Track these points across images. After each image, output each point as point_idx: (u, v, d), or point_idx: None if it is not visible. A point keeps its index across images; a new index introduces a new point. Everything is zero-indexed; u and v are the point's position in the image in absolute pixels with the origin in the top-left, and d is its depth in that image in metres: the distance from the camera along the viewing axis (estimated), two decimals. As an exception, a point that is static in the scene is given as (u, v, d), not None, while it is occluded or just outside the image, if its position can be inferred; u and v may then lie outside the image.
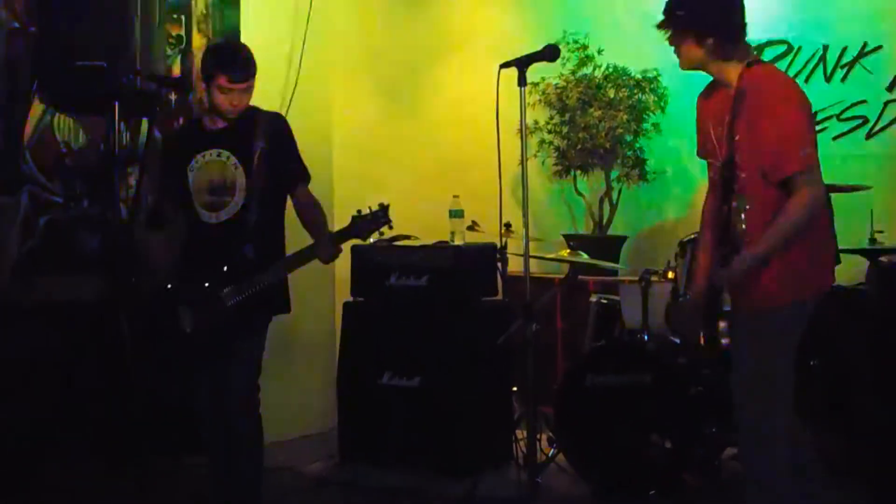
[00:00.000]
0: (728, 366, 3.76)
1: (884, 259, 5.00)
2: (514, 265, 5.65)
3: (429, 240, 5.71)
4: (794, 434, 3.69)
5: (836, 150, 6.02)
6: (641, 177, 6.75)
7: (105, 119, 5.46)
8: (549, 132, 6.92)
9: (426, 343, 5.47)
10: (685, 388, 4.91)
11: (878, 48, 6.23)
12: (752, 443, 3.69)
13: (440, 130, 6.96)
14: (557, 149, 6.89)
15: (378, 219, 4.06)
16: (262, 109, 4.36)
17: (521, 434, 5.15)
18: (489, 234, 5.59)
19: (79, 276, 5.38)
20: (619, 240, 6.82)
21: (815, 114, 3.76)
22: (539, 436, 4.93)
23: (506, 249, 5.58)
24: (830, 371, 5.02)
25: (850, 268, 5.03)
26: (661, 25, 3.73)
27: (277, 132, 4.31)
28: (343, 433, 5.71)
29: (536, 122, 6.90)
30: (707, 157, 3.83)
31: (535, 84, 6.81)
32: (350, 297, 5.81)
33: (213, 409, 4.28)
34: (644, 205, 6.96)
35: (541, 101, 6.91)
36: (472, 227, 5.69)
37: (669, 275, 5.15)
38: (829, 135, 6.13)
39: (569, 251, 5.75)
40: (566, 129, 6.81)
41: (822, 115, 6.09)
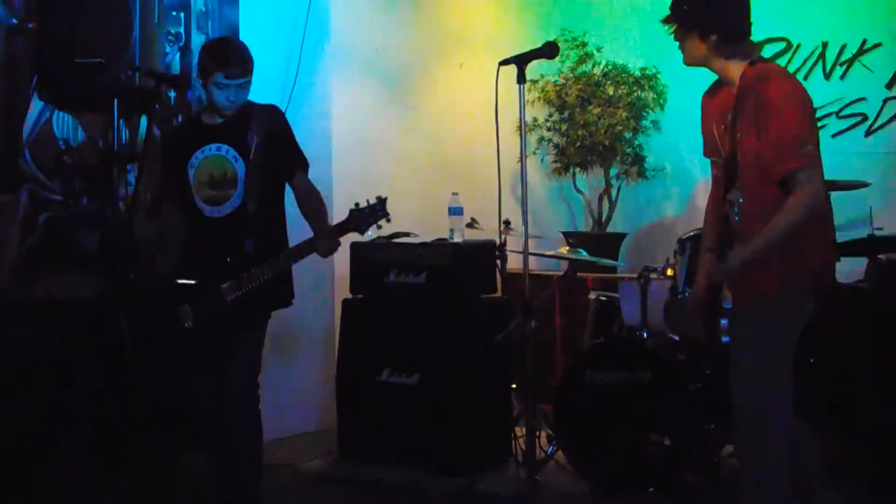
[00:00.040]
0: (728, 363, 3.76)
1: (883, 257, 4.99)
2: (514, 262, 5.65)
3: (428, 237, 5.71)
4: (794, 433, 3.69)
5: (836, 148, 6.02)
6: (640, 174, 6.76)
7: (104, 116, 5.46)
8: (549, 129, 6.92)
9: (425, 340, 5.47)
10: (684, 386, 4.91)
11: (878, 45, 6.23)
12: (751, 442, 3.69)
13: (439, 127, 6.96)
14: (556, 146, 6.89)
15: (376, 212, 4.05)
16: (259, 103, 4.37)
17: (521, 431, 5.15)
18: (488, 232, 5.59)
19: (78, 274, 5.37)
20: (619, 237, 6.83)
21: (815, 111, 3.75)
22: (538, 433, 4.93)
23: (505, 246, 5.58)
24: (830, 370, 5.02)
25: (850, 266, 5.03)
26: (667, 20, 3.73)
27: (273, 123, 4.32)
28: (342, 430, 5.70)
29: (536, 120, 6.90)
30: (711, 156, 3.84)
31: (535, 81, 6.81)
32: (349, 295, 5.81)
33: (213, 409, 4.28)
34: (643, 202, 6.96)
35: (540, 99, 6.91)
36: (472, 225, 5.69)
37: (668, 272, 5.15)
38: (829, 132, 6.14)
39: (568, 248, 5.75)
40: (565, 127, 6.81)
41: (822, 113, 6.09)
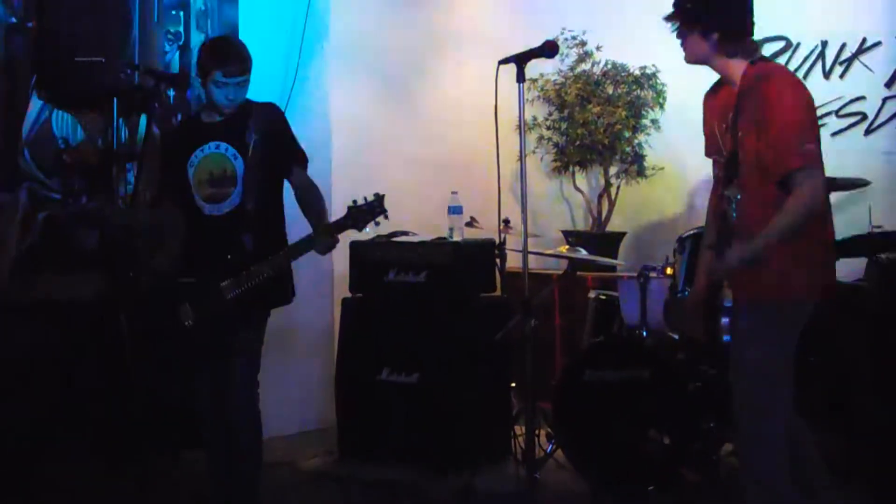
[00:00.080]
0: (728, 362, 3.76)
1: (883, 256, 4.99)
2: (513, 261, 5.65)
3: (427, 236, 5.71)
4: (795, 432, 3.69)
5: (835, 147, 6.02)
6: (640, 173, 6.76)
7: (103, 115, 5.46)
8: (548, 128, 6.93)
9: (425, 339, 5.47)
10: (683, 384, 4.91)
11: (877, 44, 6.23)
12: (751, 441, 3.68)
13: (439, 126, 6.96)
14: (556, 145, 6.90)
15: (374, 208, 4.04)
16: (257, 101, 4.37)
17: (520, 430, 5.15)
18: (488, 231, 5.59)
19: (78, 273, 5.37)
20: (618, 236, 6.83)
21: (816, 110, 3.75)
22: (537, 431, 4.92)
23: (504, 245, 5.58)
24: (829, 369, 5.02)
25: (849, 265, 5.03)
26: (669, 18, 3.73)
27: (272, 121, 4.32)
28: (342, 429, 5.70)
29: (535, 119, 6.90)
30: (713, 155, 3.84)
31: (534, 80, 6.82)
32: (349, 294, 5.81)
33: (214, 409, 4.28)
34: (642, 201, 6.96)
35: (539, 98, 6.92)
36: (471, 224, 5.69)
37: (668, 271, 5.15)
38: (828, 131, 6.15)
39: (567, 247, 5.75)
40: (565, 126, 6.82)
41: (821, 112, 6.09)
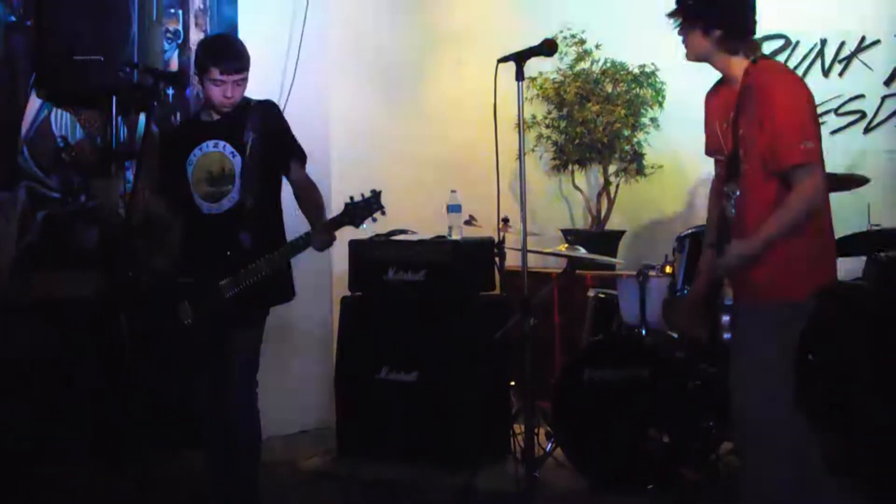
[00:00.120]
0: (728, 360, 3.75)
1: (882, 254, 4.99)
2: (512, 260, 5.65)
3: (426, 234, 5.71)
4: (795, 431, 3.68)
5: (834, 145, 6.02)
6: (639, 171, 6.76)
7: (102, 113, 5.46)
8: (547, 127, 6.93)
9: (424, 338, 5.47)
10: (683, 383, 4.91)
11: (876, 42, 6.23)
12: (751, 440, 3.68)
13: (438, 125, 6.95)
14: (555, 143, 6.89)
15: (371, 204, 4.04)
16: (256, 99, 4.37)
17: (519, 428, 5.15)
18: (487, 229, 5.58)
19: (77, 272, 5.37)
20: (617, 234, 6.83)
21: (817, 108, 3.74)
22: (537, 430, 4.91)
23: (503, 244, 5.57)
24: (828, 368, 5.01)
25: (848, 263, 5.03)
26: (672, 14, 3.73)
27: (270, 117, 4.32)
28: (341, 428, 5.70)
29: (534, 117, 6.90)
30: (713, 154, 3.84)
31: (533, 79, 6.82)
32: (348, 292, 5.81)
33: (213, 409, 4.27)
34: (641, 199, 6.96)
35: (539, 96, 6.91)
36: (470, 222, 5.69)
37: (667, 269, 5.15)
38: (827, 129, 6.15)
39: (566, 246, 5.75)
40: (564, 124, 6.81)
41: (820, 110, 6.05)
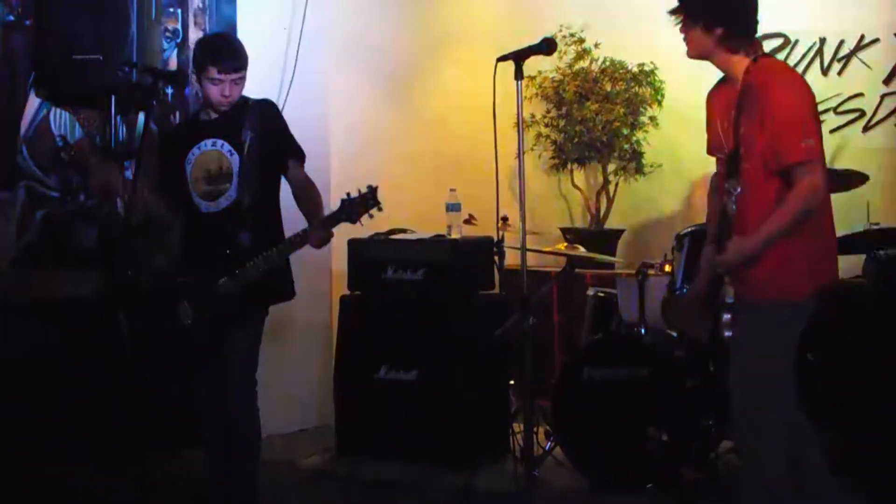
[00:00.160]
0: (727, 358, 3.75)
1: (881, 252, 4.99)
2: (511, 259, 5.65)
3: (425, 233, 5.71)
4: (797, 431, 3.68)
5: (833, 144, 6.02)
6: (638, 170, 6.77)
7: (101, 113, 5.45)
8: (546, 126, 6.93)
9: (423, 337, 5.46)
10: (682, 382, 4.90)
11: (875, 41, 6.24)
12: (750, 439, 3.67)
13: (437, 124, 6.95)
14: (554, 142, 6.90)
15: (367, 200, 4.02)
16: (254, 98, 4.37)
17: (518, 427, 5.15)
18: (486, 228, 5.58)
19: (76, 271, 5.36)
20: (616, 233, 6.83)
21: (818, 106, 3.75)
22: (536, 429, 4.92)
23: (503, 243, 5.57)
24: (828, 366, 5.01)
25: (846, 262, 5.03)
26: (674, 11, 3.74)
27: (268, 116, 4.32)
28: (340, 427, 5.70)
29: (533, 116, 6.90)
30: (715, 153, 3.83)
31: (532, 78, 6.82)
32: (347, 291, 5.81)
33: (213, 408, 4.27)
34: (641, 198, 6.97)
35: (537, 95, 6.92)
36: (469, 221, 5.68)
37: (666, 268, 5.14)
38: (826, 128, 6.12)
39: (566, 244, 5.75)
40: (563, 123, 6.82)
41: (819, 109, 5.97)
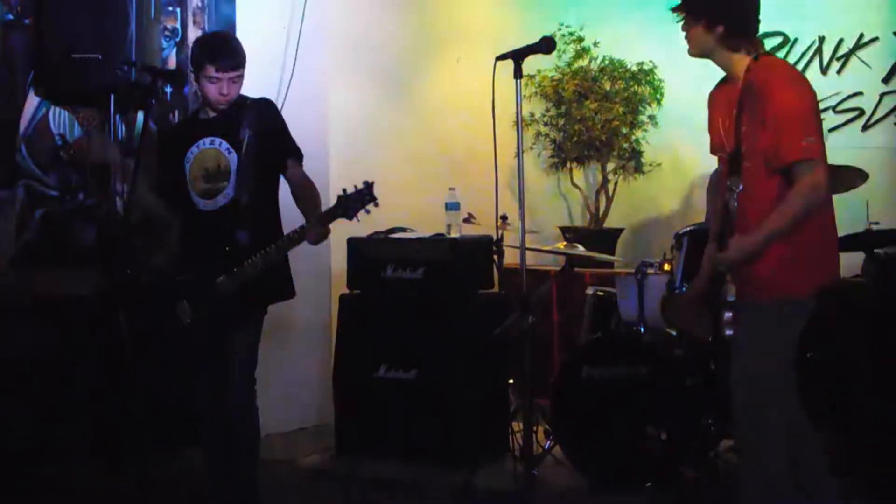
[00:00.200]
0: (725, 357, 3.75)
1: (880, 251, 4.99)
2: (511, 257, 5.65)
3: (425, 232, 5.71)
4: (797, 430, 3.68)
5: (833, 143, 5.99)
6: (637, 169, 6.77)
7: (101, 112, 5.45)
8: (546, 125, 6.93)
9: (422, 336, 5.46)
10: (681, 381, 4.91)
11: (875, 40, 6.24)
12: (750, 438, 3.67)
13: (437, 123, 6.95)
14: (553, 141, 6.90)
15: (363, 196, 4.02)
16: (253, 97, 4.37)
17: (518, 426, 5.15)
18: (485, 227, 5.58)
19: (76, 270, 5.36)
20: (615, 232, 6.84)
21: (819, 104, 3.75)
22: (535, 428, 4.93)
23: (502, 242, 5.57)
24: (828, 366, 5.01)
25: (846, 259, 5.03)
26: (676, 9, 3.74)
27: (267, 115, 4.33)
28: (340, 426, 5.70)
29: (532, 115, 6.90)
30: (717, 152, 3.84)
31: (531, 77, 6.82)
32: (346, 290, 5.81)
33: (212, 408, 4.27)
34: (640, 197, 6.97)
35: (537, 94, 6.92)
36: (469, 220, 5.68)
37: (665, 267, 5.14)
38: (826, 127, 6.03)
39: (565, 243, 5.75)
40: (562, 122, 6.82)
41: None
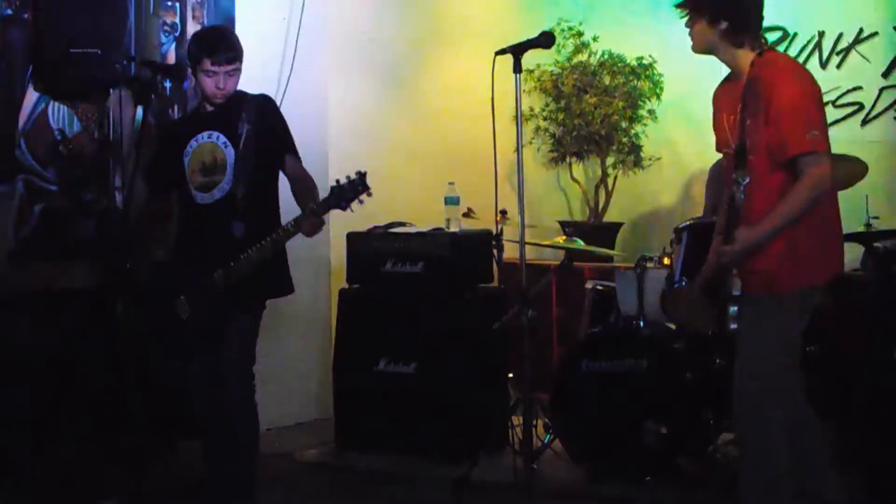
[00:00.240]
0: (725, 351, 3.76)
1: (879, 245, 4.99)
2: (510, 252, 5.65)
3: (424, 227, 5.71)
4: (802, 421, 3.68)
5: (832, 137, 5.98)
6: (637, 163, 6.77)
7: (100, 107, 5.45)
8: (545, 119, 6.93)
9: (422, 330, 5.47)
10: (681, 374, 4.92)
11: (874, 34, 6.23)
12: (750, 430, 3.68)
13: (436, 117, 6.95)
14: (553, 136, 6.90)
15: (356, 186, 4.02)
16: (252, 93, 4.38)
17: (518, 420, 5.15)
18: (485, 221, 5.59)
19: (75, 264, 5.36)
20: (615, 226, 6.84)
21: (822, 97, 3.76)
22: (535, 422, 4.93)
23: (501, 236, 5.57)
24: (828, 359, 5.01)
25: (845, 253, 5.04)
26: (680, 5, 3.74)
27: (264, 110, 4.33)
28: (339, 420, 5.70)
29: (532, 109, 6.90)
30: (723, 149, 3.84)
31: (531, 71, 6.81)
32: (346, 284, 5.81)
33: (211, 401, 4.27)
34: (639, 191, 6.97)
35: (536, 88, 6.91)
36: (468, 214, 5.69)
37: (665, 261, 5.15)
38: (825, 121, 6.13)
39: (564, 238, 5.74)
40: (562, 116, 6.82)
41: (818, 102, 6.09)
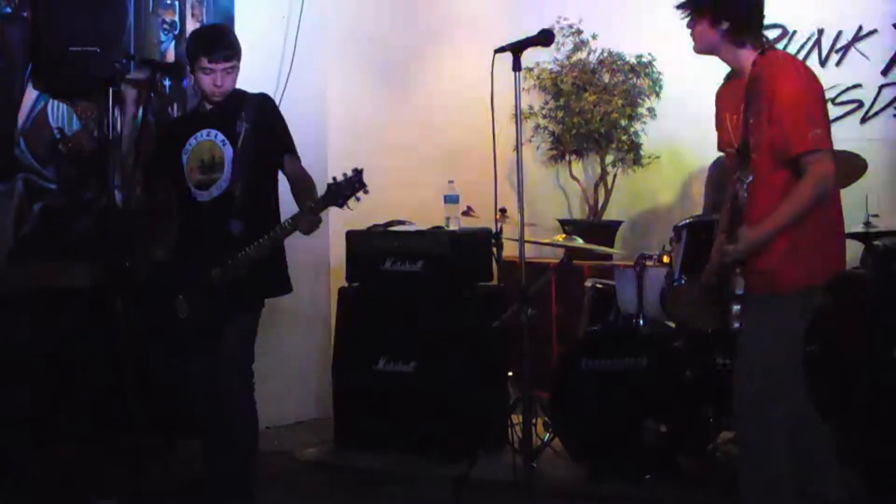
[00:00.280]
0: (724, 349, 3.76)
1: (879, 243, 4.99)
2: (510, 250, 5.65)
3: (424, 225, 5.71)
4: (803, 420, 3.68)
5: (831, 135, 6.00)
6: (636, 161, 6.76)
7: (99, 105, 5.44)
8: (544, 117, 6.92)
9: (421, 328, 5.47)
10: (680, 373, 4.92)
11: (873, 32, 6.23)
12: (750, 428, 3.68)
13: (435, 116, 6.95)
14: (552, 134, 6.89)
15: (353, 183, 4.01)
16: (251, 92, 4.38)
17: (517, 419, 5.15)
18: (484, 220, 5.58)
19: (74, 262, 5.36)
20: (614, 224, 6.83)
21: (825, 95, 3.75)
22: (534, 420, 4.93)
23: (501, 234, 5.57)
24: (828, 359, 5.01)
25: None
26: (680, 6, 3.74)
27: (264, 110, 4.33)
28: (338, 419, 5.70)
29: (531, 107, 6.89)
30: (725, 148, 3.83)
31: (530, 69, 6.81)
32: (345, 283, 5.81)
33: (210, 400, 4.26)
34: (639, 189, 6.96)
35: (535, 87, 6.91)
36: (467, 213, 5.69)
37: (664, 259, 5.14)
38: (825, 119, 6.13)
39: (564, 236, 5.74)
40: (561, 114, 6.81)
41: (818, 100, 6.08)
